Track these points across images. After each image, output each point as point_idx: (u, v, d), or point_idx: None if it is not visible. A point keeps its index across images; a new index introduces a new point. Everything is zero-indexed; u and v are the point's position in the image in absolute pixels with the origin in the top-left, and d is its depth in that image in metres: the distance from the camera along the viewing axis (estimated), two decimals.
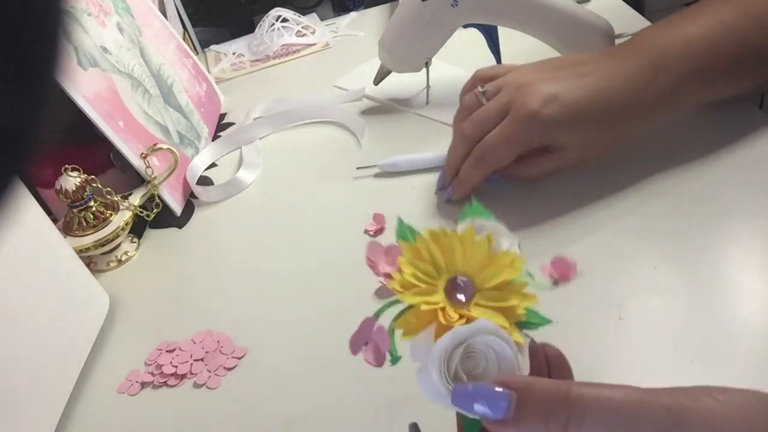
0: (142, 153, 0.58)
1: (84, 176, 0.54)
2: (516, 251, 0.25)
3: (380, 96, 0.72)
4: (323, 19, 1.00)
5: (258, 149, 0.69)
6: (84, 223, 0.55)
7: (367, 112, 0.71)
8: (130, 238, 0.60)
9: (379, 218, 0.53)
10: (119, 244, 0.58)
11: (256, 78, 0.87)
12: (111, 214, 0.56)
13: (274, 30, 0.93)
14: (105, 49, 0.61)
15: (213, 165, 0.69)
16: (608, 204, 0.49)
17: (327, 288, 0.49)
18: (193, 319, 0.49)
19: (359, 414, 0.39)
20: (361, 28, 0.93)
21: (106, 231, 0.55)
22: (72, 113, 0.54)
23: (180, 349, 0.46)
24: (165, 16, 0.80)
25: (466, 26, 0.65)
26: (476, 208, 0.27)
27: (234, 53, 0.96)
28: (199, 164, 0.67)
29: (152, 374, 0.45)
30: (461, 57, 0.75)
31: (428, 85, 0.69)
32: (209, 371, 0.44)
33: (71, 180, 0.54)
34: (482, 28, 0.65)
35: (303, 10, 1.00)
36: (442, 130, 0.52)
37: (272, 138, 0.71)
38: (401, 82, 0.71)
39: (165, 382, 0.44)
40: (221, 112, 0.80)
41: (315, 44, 0.92)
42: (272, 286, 0.51)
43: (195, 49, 0.99)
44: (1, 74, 0.13)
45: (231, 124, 0.77)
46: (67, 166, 0.54)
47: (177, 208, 0.61)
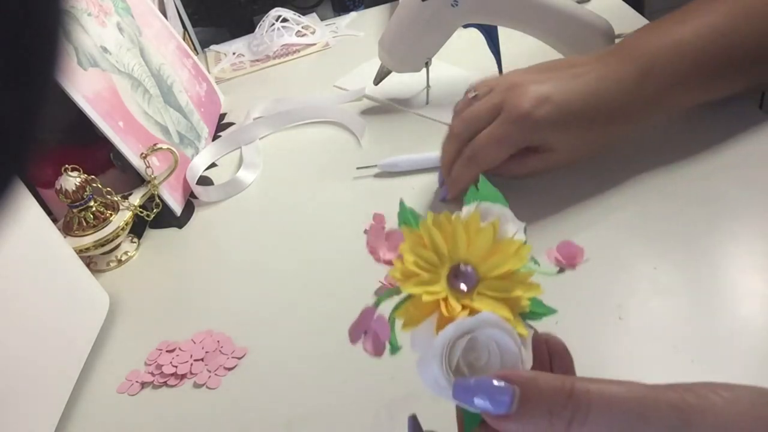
0: (142, 153, 0.58)
1: (84, 176, 0.54)
2: (522, 237, 0.25)
3: (380, 96, 0.72)
4: (323, 19, 1.00)
5: (258, 149, 0.69)
6: (84, 223, 0.55)
7: (367, 112, 0.71)
8: (130, 238, 0.60)
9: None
10: (119, 244, 0.58)
11: (256, 78, 0.87)
12: (111, 214, 0.56)
13: (274, 30, 0.93)
14: (105, 49, 0.61)
15: (213, 165, 0.69)
16: (607, 204, 0.49)
17: (327, 288, 0.49)
18: (193, 319, 0.49)
19: (359, 414, 0.39)
20: (361, 28, 0.93)
21: (106, 231, 0.55)
22: (72, 113, 0.54)
23: (180, 349, 0.46)
24: (165, 16, 0.80)
25: (466, 26, 0.65)
26: (483, 190, 0.26)
27: (234, 53, 0.96)
28: (199, 164, 0.67)
29: (152, 374, 0.45)
30: (461, 57, 0.75)
31: (428, 85, 0.69)
32: (209, 371, 0.44)
33: (71, 180, 0.54)
34: (482, 28, 0.65)
35: (303, 10, 1.00)
36: (442, 130, 0.52)
37: (272, 138, 0.71)
38: (401, 82, 0.71)
39: (165, 382, 0.44)
40: (221, 112, 0.80)
41: (315, 44, 0.92)
42: (272, 286, 0.51)
43: (195, 49, 0.99)
44: (1, 74, 0.13)
45: (231, 124, 0.77)
46: (67, 166, 0.54)
47: (177, 208, 0.61)
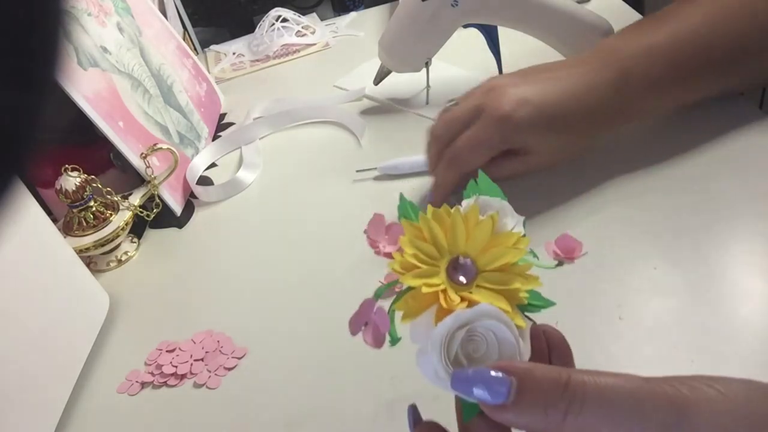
0: (142, 153, 0.58)
1: (84, 176, 0.54)
2: (521, 231, 0.25)
3: (380, 96, 0.72)
4: (323, 19, 1.00)
5: (258, 149, 0.69)
6: (84, 223, 0.55)
7: (367, 112, 0.71)
8: (130, 238, 0.60)
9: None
10: (119, 244, 0.58)
11: (256, 78, 0.87)
12: (111, 214, 0.56)
13: (274, 30, 0.93)
14: (105, 49, 0.61)
15: (213, 165, 0.69)
16: (607, 204, 0.49)
17: (327, 288, 0.49)
18: (193, 319, 0.49)
19: (359, 414, 0.39)
20: (361, 28, 0.93)
21: (106, 231, 0.55)
22: (72, 113, 0.54)
23: (180, 349, 0.46)
24: (165, 16, 0.80)
25: (466, 26, 0.65)
26: (482, 184, 0.27)
27: (234, 53, 0.96)
28: (199, 164, 0.67)
29: (152, 374, 0.45)
30: (461, 57, 0.75)
31: (428, 85, 0.69)
32: (209, 371, 0.44)
33: (71, 180, 0.54)
34: (482, 28, 0.65)
35: (303, 10, 1.00)
36: None
37: (272, 138, 0.71)
38: (401, 82, 0.71)
39: (165, 382, 0.44)
40: (221, 112, 0.80)
41: (315, 44, 0.92)
42: (272, 287, 0.51)
43: (195, 49, 0.99)
44: (2, 74, 0.13)
45: (231, 124, 0.77)
46: (67, 166, 0.54)
47: (177, 208, 0.61)
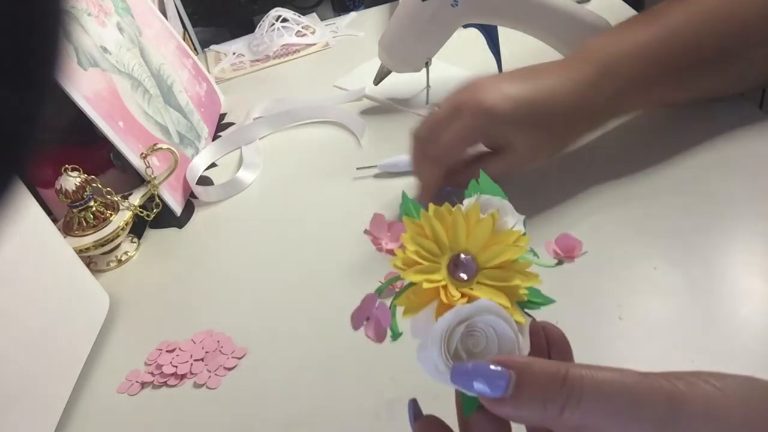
0: (142, 153, 0.58)
1: (84, 176, 0.54)
2: (521, 229, 0.25)
3: (380, 96, 0.72)
4: (323, 19, 1.00)
5: (258, 149, 0.69)
6: (84, 223, 0.55)
7: (367, 112, 0.71)
8: (130, 238, 0.60)
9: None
10: (119, 244, 0.58)
11: (256, 78, 0.87)
12: (111, 214, 0.56)
13: (274, 30, 0.93)
14: (105, 49, 0.61)
15: (213, 165, 0.69)
16: (607, 204, 0.49)
17: (327, 287, 0.49)
18: (193, 319, 0.49)
19: (359, 414, 0.39)
20: (361, 28, 0.93)
21: (106, 231, 0.55)
22: (72, 113, 0.54)
23: (180, 349, 0.46)
24: (165, 16, 0.80)
25: (466, 26, 0.65)
26: (483, 183, 0.27)
27: (234, 53, 0.96)
28: (199, 164, 0.67)
29: (152, 374, 0.45)
30: (461, 57, 0.75)
31: (428, 85, 0.69)
32: (209, 371, 0.44)
33: (71, 180, 0.54)
34: (482, 28, 0.65)
35: (303, 10, 1.00)
36: None
37: (272, 138, 0.71)
38: (401, 82, 0.71)
39: (165, 382, 0.44)
40: (221, 112, 0.80)
41: (315, 44, 0.92)
42: (272, 287, 0.51)
43: (195, 49, 0.99)
44: (2, 74, 0.13)
45: (231, 124, 0.77)
46: (67, 166, 0.54)
47: (177, 208, 0.61)
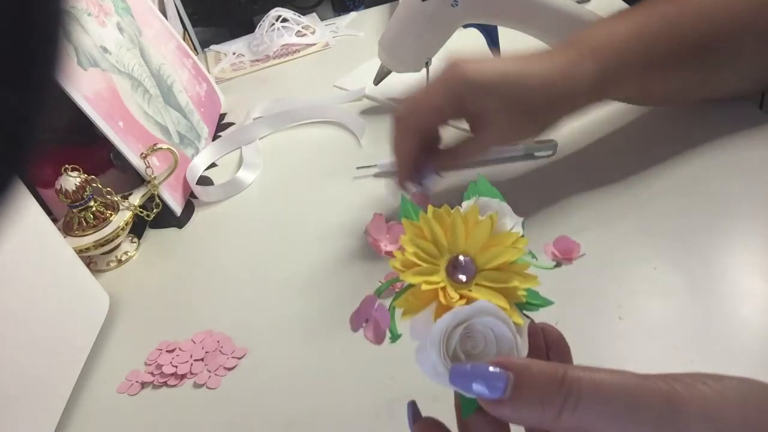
0: (142, 153, 0.58)
1: (84, 176, 0.54)
2: (519, 231, 0.25)
3: (380, 96, 0.72)
4: (323, 19, 1.00)
5: (258, 149, 0.69)
6: (84, 223, 0.55)
7: (367, 112, 0.71)
8: (130, 238, 0.60)
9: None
10: (119, 244, 0.58)
11: (256, 78, 0.87)
12: (111, 214, 0.56)
13: (274, 30, 0.93)
14: (105, 49, 0.61)
15: (213, 165, 0.69)
16: (607, 204, 0.49)
17: (327, 288, 0.49)
18: (193, 319, 0.49)
19: (359, 414, 0.39)
20: (361, 28, 0.93)
21: (106, 231, 0.55)
22: (72, 113, 0.54)
23: (180, 349, 0.46)
24: (165, 16, 0.80)
25: (466, 26, 0.65)
26: (482, 186, 0.27)
27: (234, 53, 0.96)
28: (199, 164, 0.67)
29: (152, 374, 0.45)
30: None
31: None
32: (209, 371, 0.44)
33: (71, 180, 0.54)
34: (482, 28, 0.65)
35: (303, 10, 1.01)
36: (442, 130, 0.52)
37: (272, 138, 0.71)
38: (401, 82, 0.71)
39: (165, 382, 0.44)
40: (221, 112, 0.80)
41: (315, 44, 0.92)
42: (272, 286, 0.51)
43: (195, 49, 0.99)
44: (2, 74, 0.13)
45: (231, 124, 0.77)
46: (67, 166, 0.54)
47: (177, 208, 0.61)
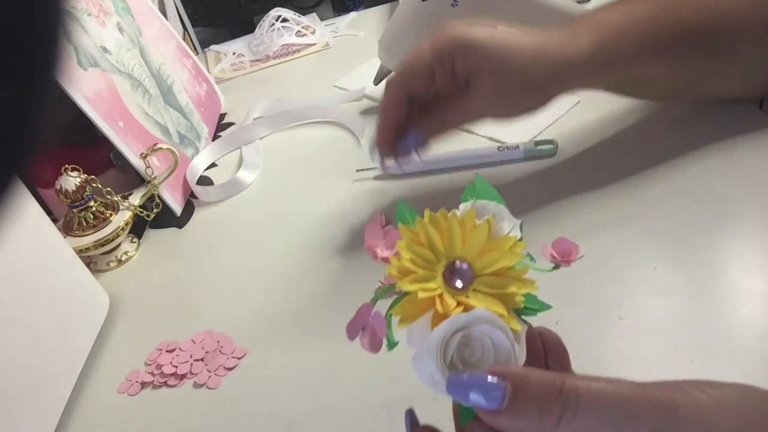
0: (142, 153, 0.58)
1: (84, 176, 0.54)
2: (517, 234, 0.25)
3: (380, 96, 0.72)
4: (323, 19, 1.00)
5: (258, 149, 0.69)
6: (84, 223, 0.55)
7: (367, 112, 0.71)
8: (130, 238, 0.60)
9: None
10: (119, 244, 0.58)
11: (256, 78, 0.87)
12: (111, 214, 0.56)
13: (274, 30, 0.93)
14: (105, 49, 0.61)
15: (213, 165, 0.69)
16: (607, 205, 0.49)
17: (327, 288, 0.49)
18: (193, 319, 0.49)
19: (359, 414, 0.39)
20: (361, 28, 0.93)
21: (106, 231, 0.55)
22: (72, 113, 0.54)
23: (180, 349, 0.46)
24: (165, 16, 0.80)
25: None
26: (480, 188, 0.27)
27: (234, 53, 0.96)
28: (199, 164, 0.67)
29: (152, 374, 0.45)
30: None
31: None
32: (209, 371, 0.44)
33: (71, 180, 0.54)
34: None
35: (303, 10, 1.01)
36: None
37: (272, 138, 0.71)
38: None
39: (165, 382, 0.44)
40: (221, 112, 0.80)
41: (315, 44, 0.92)
42: (272, 286, 0.51)
43: (195, 49, 0.99)
44: (2, 74, 0.13)
45: (231, 124, 0.77)
46: (67, 166, 0.54)
47: (177, 208, 0.61)
